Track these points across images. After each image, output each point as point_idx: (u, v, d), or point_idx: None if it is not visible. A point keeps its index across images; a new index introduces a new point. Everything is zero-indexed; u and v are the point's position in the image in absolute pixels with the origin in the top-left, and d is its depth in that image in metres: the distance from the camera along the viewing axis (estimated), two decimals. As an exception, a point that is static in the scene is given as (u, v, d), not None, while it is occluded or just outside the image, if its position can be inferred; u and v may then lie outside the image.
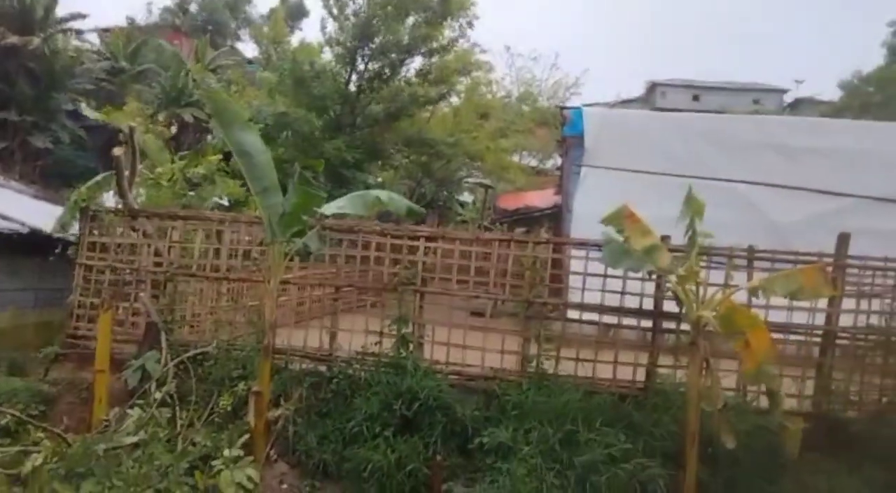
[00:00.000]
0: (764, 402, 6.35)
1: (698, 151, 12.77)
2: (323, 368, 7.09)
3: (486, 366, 6.95)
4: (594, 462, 5.34)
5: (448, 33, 18.13)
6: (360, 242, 7.44)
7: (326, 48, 18.30)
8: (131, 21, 35.49)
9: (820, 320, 6.60)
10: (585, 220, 11.27)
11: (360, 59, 17.54)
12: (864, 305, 6.54)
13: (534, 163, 27.96)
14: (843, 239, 6.58)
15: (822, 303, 6.55)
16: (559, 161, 17.41)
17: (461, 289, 7.38)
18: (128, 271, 7.92)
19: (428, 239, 7.23)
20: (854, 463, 5.71)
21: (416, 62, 18.43)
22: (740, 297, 5.78)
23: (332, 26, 17.81)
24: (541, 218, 17.39)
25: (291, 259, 7.62)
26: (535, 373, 6.65)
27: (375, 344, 7.02)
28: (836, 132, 13.66)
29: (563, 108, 17.51)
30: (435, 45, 17.85)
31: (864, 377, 6.46)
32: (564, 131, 14.02)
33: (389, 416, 6.13)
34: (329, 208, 5.96)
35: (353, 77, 17.94)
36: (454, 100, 22.53)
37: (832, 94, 27.25)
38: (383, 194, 6.28)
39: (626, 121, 14.35)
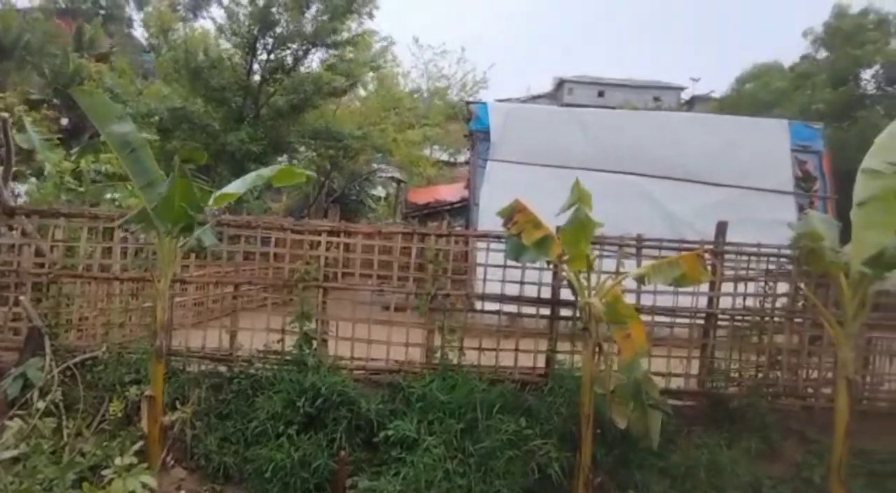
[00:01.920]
0: (660, 383, 6.77)
1: (600, 145, 13.34)
2: (223, 368, 6.89)
3: (391, 359, 6.98)
4: (493, 448, 5.50)
5: (352, 25, 17.95)
6: (258, 237, 7.27)
7: (223, 37, 17.69)
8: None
9: (704, 303, 7.05)
10: (491, 212, 11.54)
11: (261, 49, 17.06)
12: (741, 288, 7.02)
13: (445, 157, 28.21)
14: (721, 228, 7.05)
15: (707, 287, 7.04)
16: (468, 155, 17.64)
17: (366, 283, 7.36)
18: (5, 272, 7.37)
19: (330, 233, 7.15)
20: (734, 436, 6.15)
21: (321, 53, 18.16)
22: (634, 283, 6.09)
23: (222, 13, 17.30)
24: (452, 211, 17.58)
25: (187, 256, 7.35)
26: (439, 364, 6.74)
27: (277, 342, 6.89)
28: (724, 128, 14.61)
29: (469, 102, 17.80)
30: (339, 37, 17.62)
31: (742, 355, 6.95)
32: (471, 126, 14.26)
33: (293, 414, 6.04)
34: (212, 197, 5.79)
35: (255, 67, 17.45)
36: (362, 92, 22.36)
37: (726, 91, 28.95)
38: (265, 171, 5.99)
39: (530, 116, 14.77)
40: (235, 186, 5.84)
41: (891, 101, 18.97)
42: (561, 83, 56.51)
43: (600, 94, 53.96)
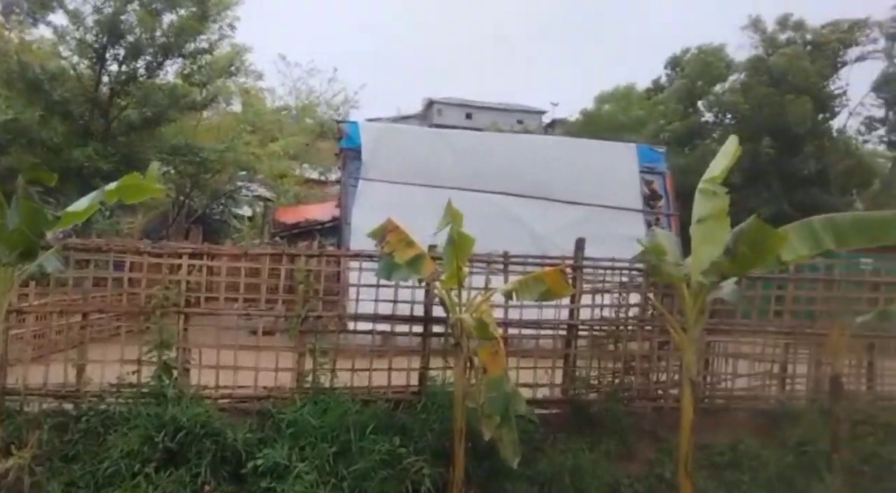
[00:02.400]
0: (523, 393, 7.05)
1: (469, 165, 13.78)
2: (69, 406, 6.30)
3: (260, 386, 6.72)
4: (367, 470, 5.46)
5: (210, 36, 17.32)
6: (111, 261, 6.75)
7: (66, 46, 16.35)
8: None
9: (566, 315, 7.46)
10: (363, 232, 11.52)
11: (111, 59, 15.95)
12: (598, 300, 7.51)
13: (315, 175, 27.79)
14: (580, 244, 7.52)
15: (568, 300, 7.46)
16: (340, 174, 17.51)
17: (231, 308, 7.05)
18: None
19: (192, 256, 6.79)
20: (595, 439, 6.53)
21: (178, 64, 17.33)
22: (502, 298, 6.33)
23: (65, 21, 16.02)
24: (322, 231, 17.32)
25: (26, 284, 6.67)
26: (310, 388, 6.58)
27: (132, 373, 6.41)
28: (580, 150, 15.65)
29: (340, 121, 17.74)
30: (195, 46, 16.90)
31: (600, 363, 7.42)
32: (342, 144, 14.21)
33: (151, 450, 5.62)
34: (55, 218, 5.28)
35: (105, 78, 16.27)
36: (224, 107, 21.56)
37: (588, 109, 31.05)
38: (111, 185, 5.37)
39: (401, 135, 15.00)
40: (79, 205, 5.37)
41: (724, 129, 21.22)
42: (430, 104, 57.79)
43: (468, 115, 55.83)
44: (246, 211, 25.49)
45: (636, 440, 6.74)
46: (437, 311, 6.88)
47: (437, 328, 7.12)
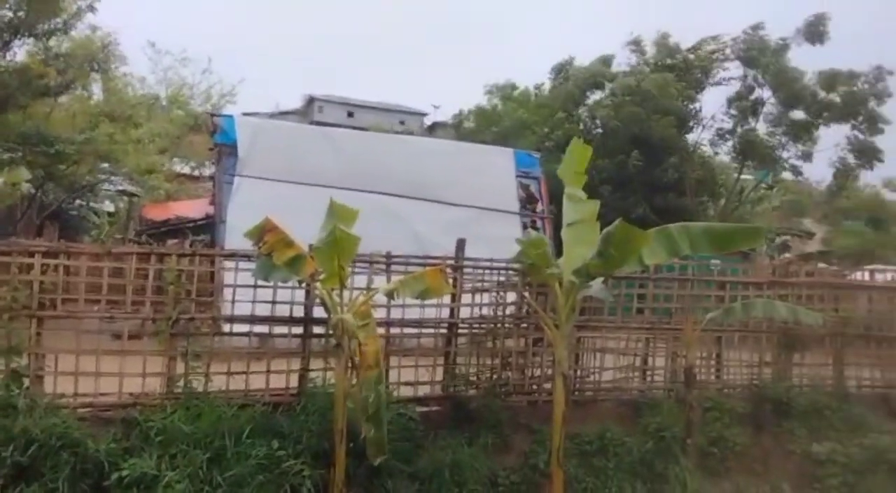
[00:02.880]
0: (405, 391, 7.13)
1: (351, 164, 13.66)
2: None
3: (125, 393, 6.29)
4: (243, 475, 5.28)
5: (66, 15, 15.95)
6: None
7: None
8: None
9: (446, 314, 7.62)
10: (239, 231, 11.08)
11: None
12: (477, 299, 7.74)
13: (187, 170, 26.34)
14: (460, 244, 7.72)
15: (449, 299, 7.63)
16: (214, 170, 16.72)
17: (92, 310, 6.55)
18: None
19: (46, 255, 6.23)
20: (473, 434, 6.72)
21: (30, 45, 15.81)
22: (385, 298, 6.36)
23: None
24: (195, 229, 16.46)
25: None
26: (182, 393, 6.26)
27: (-26, 384, 5.78)
28: (462, 153, 16.02)
29: (214, 114, 16.95)
30: (50, 25, 15.48)
31: (479, 360, 7.65)
32: (216, 139, 13.59)
33: (-3, 467, 5.11)
34: None
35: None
36: (84, 93, 19.88)
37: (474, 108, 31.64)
38: None
39: (280, 132, 14.56)
40: None
41: (597, 140, 22.49)
42: (311, 101, 56.63)
43: (350, 114, 55.28)
44: (108, 206, 23.62)
45: (512, 432, 7.02)
46: (319, 311, 6.78)
47: (317, 329, 7.02)
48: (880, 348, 9.34)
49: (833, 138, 22.59)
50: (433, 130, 49.90)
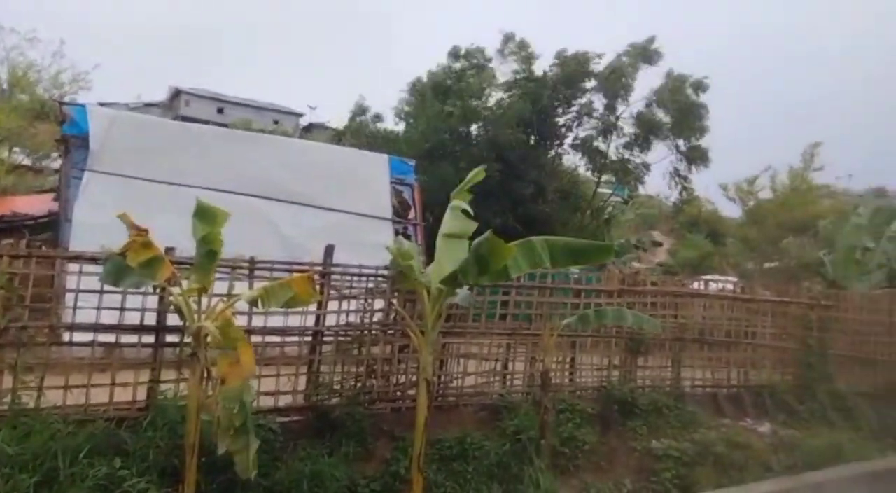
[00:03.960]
0: (264, 402, 6.91)
1: (218, 164, 13.06)
2: None
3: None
4: (77, 498, 4.88)
5: None
6: None
7: None
8: None
9: (312, 321, 7.49)
10: (88, 230, 10.27)
11: None
12: (345, 306, 7.68)
13: (27, 161, 23.89)
14: (329, 250, 7.63)
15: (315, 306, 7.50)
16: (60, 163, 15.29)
17: None
18: None
19: None
20: (335, 444, 6.65)
21: None
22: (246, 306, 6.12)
23: None
24: (34, 227, 14.96)
25: None
26: (8, 410, 5.66)
27: None
28: (335, 157, 15.83)
29: (63, 102, 15.56)
30: None
31: (344, 368, 7.59)
32: (65, 130, 12.50)
33: None
34: None
35: None
36: None
37: (341, 121, 31.11)
38: None
39: (138, 125, 13.61)
40: None
41: (463, 149, 23.10)
42: (177, 94, 53.60)
43: (220, 110, 52.89)
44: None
45: (375, 440, 7.02)
46: (173, 319, 6.41)
47: (171, 338, 6.65)
48: (711, 350, 10.38)
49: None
50: (309, 131, 48.94)
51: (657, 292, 10.02)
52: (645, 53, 23.30)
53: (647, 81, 23.93)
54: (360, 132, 25.17)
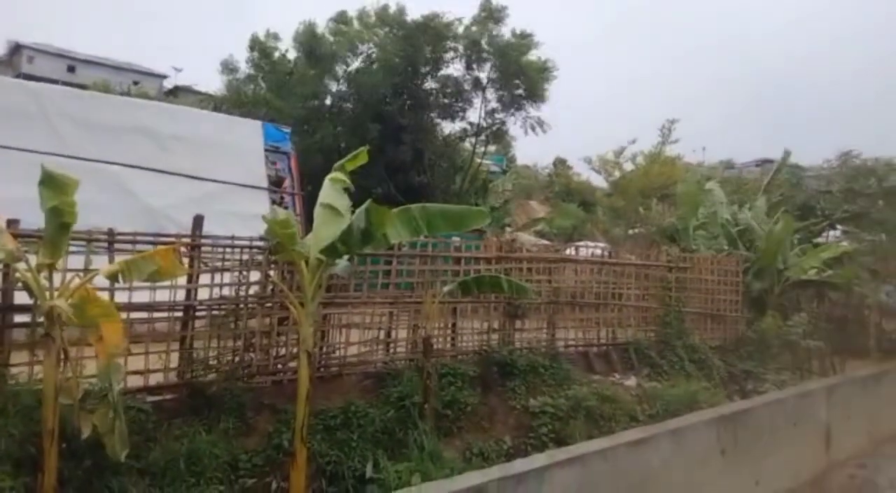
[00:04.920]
0: (133, 382, 6.51)
1: (68, 127, 11.90)
2: None
3: None
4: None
5: None
6: None
7: None
8: None
9: (182, 295, 7.09)
10: None
11: None
12: (218, 279, 7.34)
13: None
14: (198, 221, 7.23)
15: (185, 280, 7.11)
16: None
17: None
18: None
19: None
20: (213, 420, 6.40)
21: None
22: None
23: None
24: None
25: None
26: None
27: None
28: (205, 123, 14.91)
29: None
30: None
31: (220, 343, 7.28)
32: None
33: None
34: None
35: None
36: None
37: (209, 84, 29.10)
38: None
39: (-29, 83, 12.12)
40: None
41: (342, 116, 22.60)
42: (18, 48, 48.05)
43: (71, 69, 48.15)
44: None
45: (256, 414, 6.84)
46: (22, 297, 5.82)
47: (20, 318, 6.05)
48: (582, 312, 11.02)
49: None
50: (175, 94, 45.71)
51: (532, 259, 10.43)
52: (492, 14, 23.58)
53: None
54: (231, 97, 23.88)
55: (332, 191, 6.44)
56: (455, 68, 24.34)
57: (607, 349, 10.99)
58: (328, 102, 22.91)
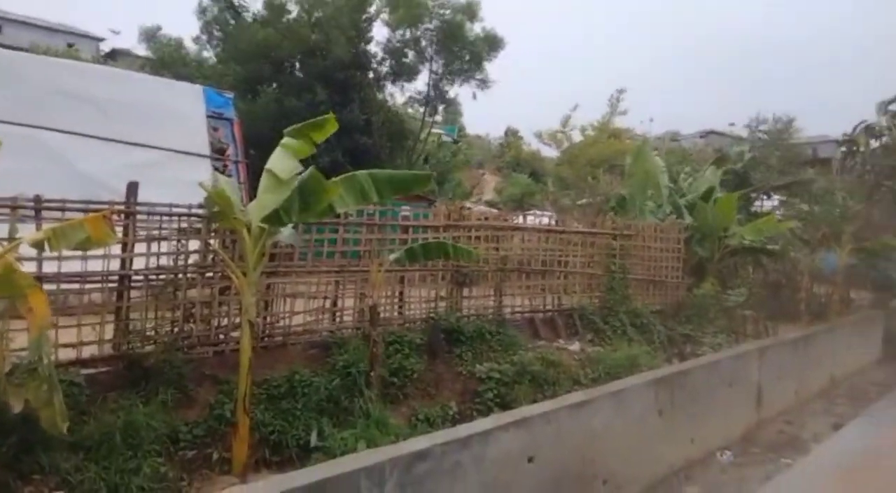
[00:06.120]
0: (65, 355, 6.28)
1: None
2: None
3: None
4: None
5: None
6: None
7: None
8: None
9: (117, 265, 6.85)
10: None
11: None
12: (155, 247, 7.10)
13: None
14: (132, 188, 6.95)
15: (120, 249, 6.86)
16: None
17: None
18: None
19: None
20: (151, 392, 6.24)
21: None
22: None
23: None
24: None
25: None
26: None
27: None
28: (143, 87, 14.25)
29: None
30: None
31: (158, 313, 7.07)
32: None
33: None
34: None
35: None
36: None
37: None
38: None
39: None
40: None
41: (289, 80, 21.93)
42: (-65, 6, 44.90)
43: (-3, 28, 45.25)
44: None
45: (197, 386, 6.70)
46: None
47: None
48: (529, 279, 11.15)
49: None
50: (112, 58, 43.54)
51: (480, 226, 10.46)
52: None
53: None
54: (169, 60, 22.91)
55: (279, 157, 6.26)
56: (398, 34, 23.95)
57: (553, 316, 11.18)
58: (273, 64, 22.18)
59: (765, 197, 20.54)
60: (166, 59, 23.35)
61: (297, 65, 22.20)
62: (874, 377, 13.81)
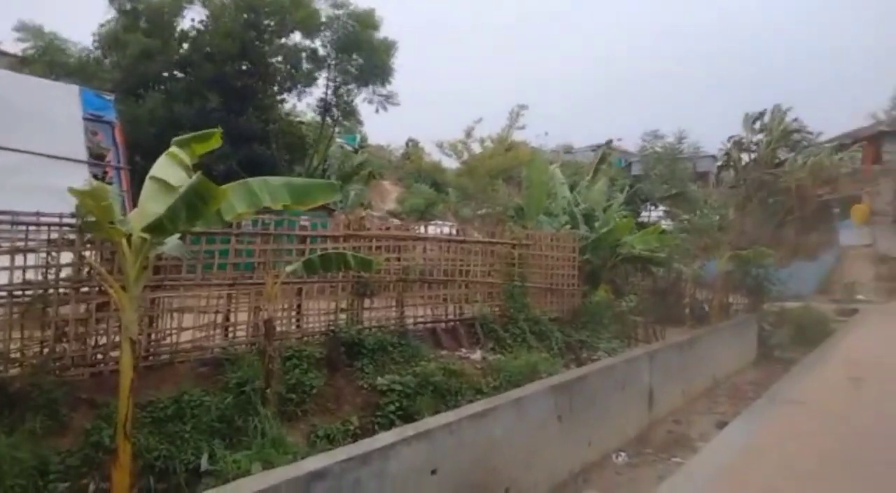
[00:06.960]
0: None
1: None
2: None
3: None
4: None
5: None
6: None
7: None
8: None
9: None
10: None
11: None
12: (20, 261, 6.43)
13: None
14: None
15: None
16: None
17: None
18: None
19: None
20: (16, 421, 5.62)
21: None
22: None
23: None
24: None
25: None
26: None
27: None
28: (8, 86, 13.02)
29: None
30: None
31: (24, 333, 6.40)
32: None
33: None
34: None
35: None
36: None
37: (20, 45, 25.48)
38: None
39: None
40: None
41: (179, 84, 20.88)
42: None
43: None
44: None
45: (71, 411, 6.11)
46: None
47: None
48: (431, 289, 11.12)
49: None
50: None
51: (381, 236, 10.32)
52: None
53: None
54: (46, 59, 21.18)
55: (165, 164, 5.86)
56: (294, 40, 23.47)
57: (455, 325, 11.20)
58: (158, 67, 21.02)
59: (652, 207, 21.76)
60: (41, 55, 21.55)
61: (188, 69, 21.15)
62: (751, 377, 14.87)
